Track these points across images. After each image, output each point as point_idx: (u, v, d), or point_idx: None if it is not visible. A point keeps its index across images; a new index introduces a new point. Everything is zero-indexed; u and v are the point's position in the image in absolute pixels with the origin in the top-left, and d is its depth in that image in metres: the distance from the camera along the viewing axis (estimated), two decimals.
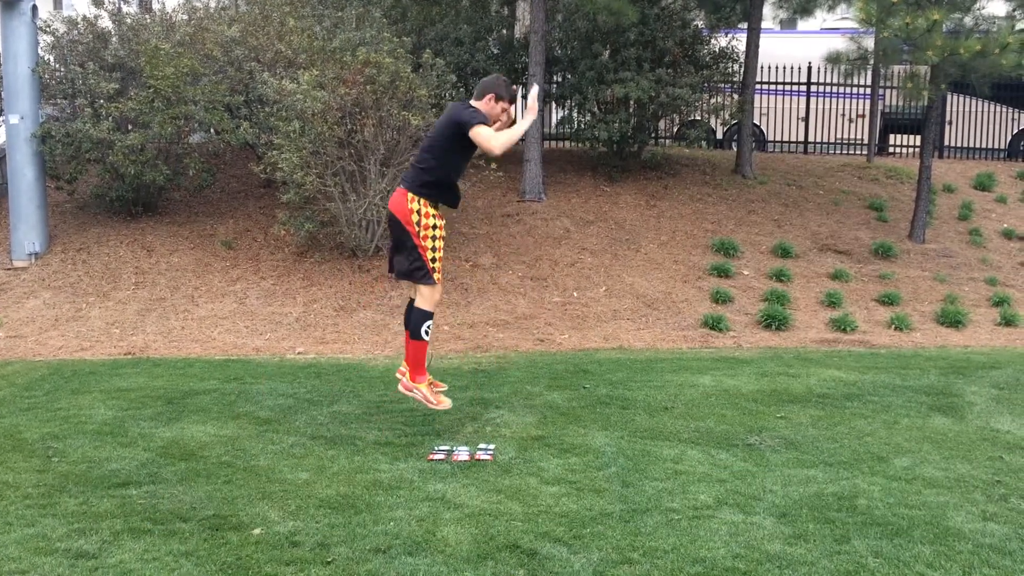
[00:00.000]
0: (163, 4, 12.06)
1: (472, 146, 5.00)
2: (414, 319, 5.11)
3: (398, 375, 5.35)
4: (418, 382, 5.18)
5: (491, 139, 4.87)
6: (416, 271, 5.04)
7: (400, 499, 4.15)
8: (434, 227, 5.02)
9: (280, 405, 5.91)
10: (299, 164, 9.20)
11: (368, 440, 5.09)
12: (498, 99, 5.10)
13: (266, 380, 6.70)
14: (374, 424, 5.43)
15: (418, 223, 4.98)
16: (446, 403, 5.21)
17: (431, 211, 5.01)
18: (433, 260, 5.03)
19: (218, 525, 3.84)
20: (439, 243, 5.06)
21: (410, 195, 5.00)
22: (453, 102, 5.26)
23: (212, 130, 11.16)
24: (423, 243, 5.00)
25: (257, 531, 3.78)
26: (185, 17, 11.34)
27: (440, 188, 5.07)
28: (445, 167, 5.04)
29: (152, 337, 8.34)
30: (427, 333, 5.12)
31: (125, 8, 11.82)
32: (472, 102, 5.11)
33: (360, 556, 3.54)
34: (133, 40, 10.66)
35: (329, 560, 3.51)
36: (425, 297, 5.08)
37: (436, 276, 5.06)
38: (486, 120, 4.96)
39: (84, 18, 11.06)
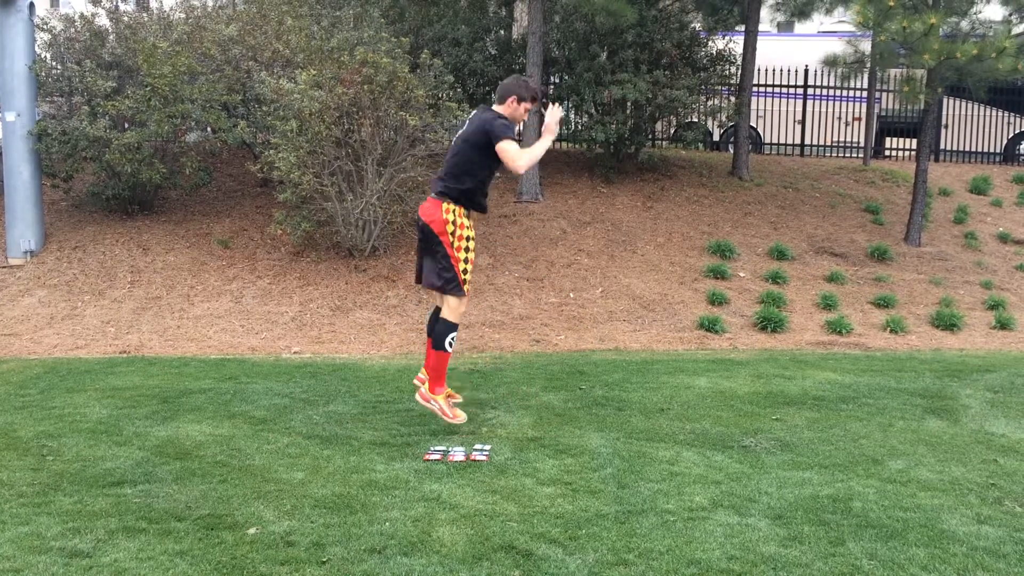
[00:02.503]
0: (160, 2, 12.07)
1: (497, 157, 4.99)
2: (439, 330, 5.10)
3: (416, 382, 5.35)
4: (437, 394, 5.18)
5: (517, 158, 4.89)
6: (448, 282, 5.03)
7: (396, 499, 4.15)
8: (468, 238, 5.02)
9: (276, 405, 5.91)
10: (296, 164, 9.19)
11: (364, 440, 5.09)
12: (520, 100, 5.10)
13: (262, 379, 6.69)
14: (370, 424, 5.43)
15: (453, 233, 4.98)
16: (462, 417, 5.21)
17: (465, 221, 5.02)
18: (464, 272, 5.03)
19: (213, 524, 3.83)
20: (471, 254, 5.05)
21: (444, 205, 4.98)
22: (480, 110, 5.21)
23: (209, 129, 11.15)
24: (456, 254, 4.99)
25: (252, 531, 3.78)
26: (182, 16, 11.34)
27: (474, 196, 5.06)
28: (477, 175, 5.03)
29: (147, 336, 8.33)
30: (451, 345, 5.12)
31: (122, 6, 11.82)
32: (495, 107, 5.11)
33: (355, 556, 3.54)
34: (130, 38, 10.65)
35: (324, 560, 3.51)
36: (452, 308, 5.07)
37: (466, 287, 5.06)
38: (513, 134, 4.96)
39: (81, 16, 11.05)
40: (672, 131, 14.17)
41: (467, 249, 5.03)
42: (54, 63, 11.02)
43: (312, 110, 9.11)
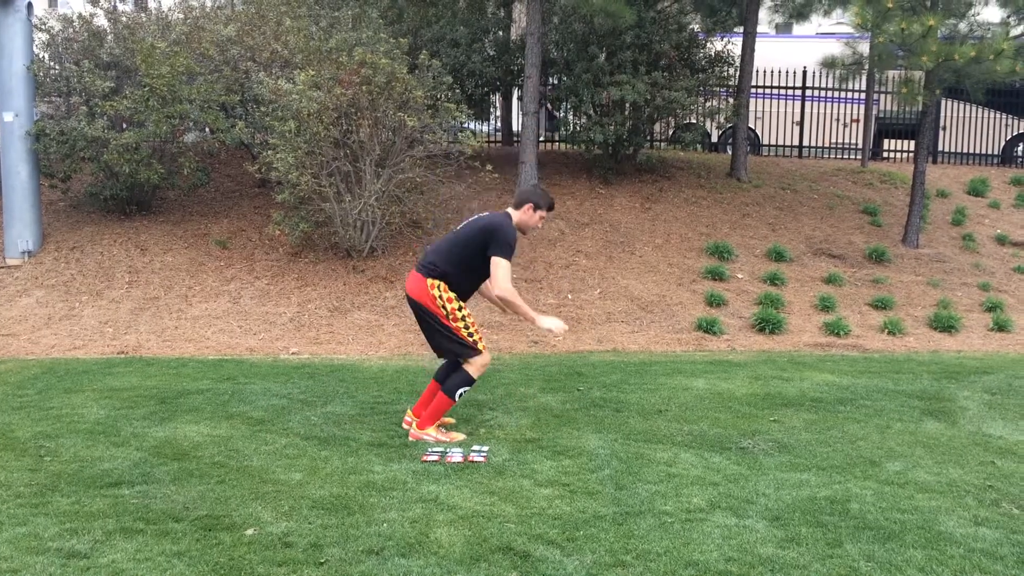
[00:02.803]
0: (159, 3, 12.07)
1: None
2: (455, 379, 5.05)
3: (404, 426, 5.29)
4: (424, 429, 5.13)
5: (504, 280, 4.85)
6: (460, 351, 5.01)
7: (393, 500, 4.15)
8: (460, 308, 4.99)
9: (274, 405, 5.90)
10: (294, 164, 9.19)
11: (362, 441, 5.08)
12: (536, 208, 5.10)
13: (260, 380, 6.69)
14: (368, 425, 5.42)
15: (443, 307, 4.96)
16: (459, 436, 5.17)
17: (451, 294, 4.98)
18: (470, 334, 5.00)
19: (211, 525, 3.83)
20: (469, 318, 5.02)
21: (429, 281, 4.96)
22: (496, 214, 5.12)
23: (207, 129, 11.14)
24: (454, 323, 4.97)
25: (250, 531, 3.77)
26: (181, 16, 11.33)
27: (458, 284, 5.02)
28: (462, 269, 4.99)
29: (145, 336, 8.33)
30: (460, 396, 5.08)
31: (121, 6, 11.82)
32: (511, 210, 5.10)
33: (353, 557, 3.54)
34: (129, 38, 10.65)
35: (322, 561, 3.50)
36: (474, 365, 5.04)
37: (480, 345, 5.03)
38: (511, 251, 4.92)
39: (80, 16, 11.04)
40: (670, 132, 14.18)
41: (460, 308, 4.99)
42: (52, 63, 11.02)
43: (310, 111, 9.11)
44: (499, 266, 4.86)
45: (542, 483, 4.41)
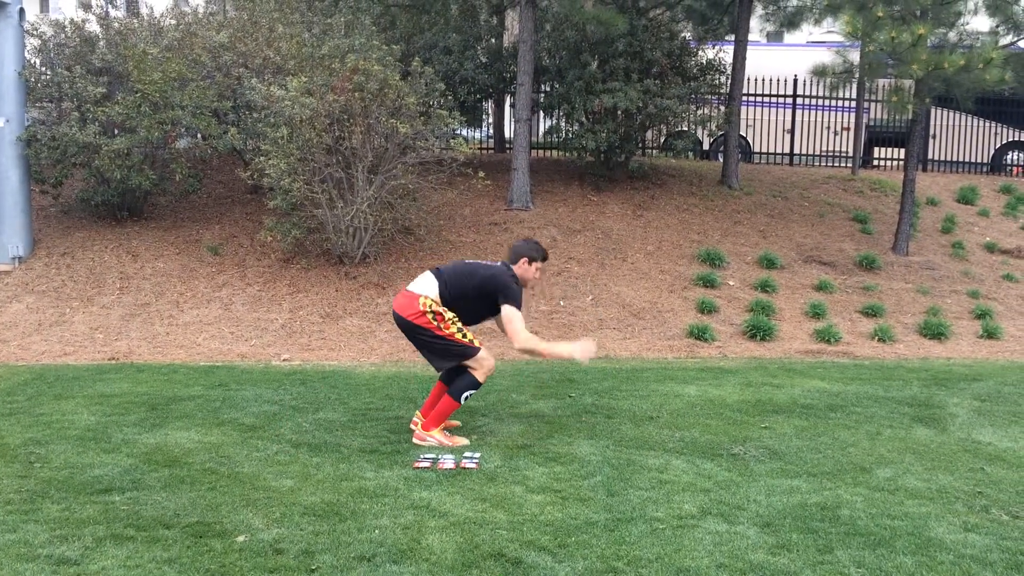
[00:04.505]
0: (151, 8, 12.04)
1: (496, 311, 5.04)
2: (461, 382, 5.08)
3: (412, 426, 5.31)
4: (430, 431, 5.16)
5: (519, 332, 4.94)
6: (459, 356, 5.04)
7: (385, 507, 4.14)
8: (453, 320, 5.02)
9: (265, 412, 5.89)
10: (286, 170, 9.18)
11: (353, 447, 5.08)
12: (531, 261, 5.22)
13: (251, 387, 6.68)
14: (359, 431, 5.42)
15: (433, 319, 4.98)
16: (463, 440, 5.18)
17: (441, 309, 5.02)
18: (465, 336, 5.02)
19: (202, 532, 3.82)
20: (461, 323, 5.04)
21: (421, 299, 4.99)
22: (499, 267, 5.18)
23: (199, 135, 11.13)
24: (447, 330, 4.99)
25: (241, 538, 3.77)
26: (173, 22, 11.31)
27: (455, 312, 5.06)
28: (464, 311, 5.06)
29: (136, 343, 8.30)
30: (466, 399, 5.12)
31: (113, 12, 11.80)
32: (508, 263, 5.20)
33: (345, 564, 3.53)
34: (121, 44, 10.63)
35: (314, 568, 3.50)
36: (480, 365, 5.07)
37: (477, 343, 5.06)
38: (520, 302, 5.01)
39: (71, 21, 11.02)
40: (662, 140, 14.22)
41: (456, 323, 5.02)
42: (44, 69, 10.98)
43: (303, 117, 9.11)
44: (513, 319, 4.95)
45: (534, 489, 4.42)
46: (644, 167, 13.19)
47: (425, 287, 5.06)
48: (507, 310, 4.96)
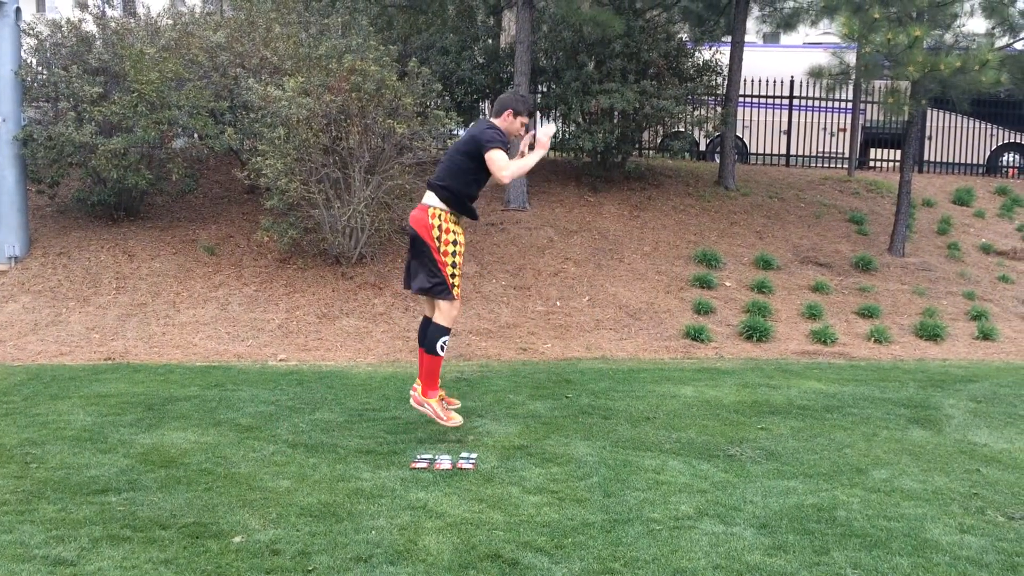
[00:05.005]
0: (148, 8, 12.02)
1: (487, 167, 5.09)
2: (431, 334, 5.14)
3: (412, 392, 5.36)
4: (429, 396, 5.22)
5: (503, 168, 5.00)
6: (436, 286, 5.09)
7: (382, 507, 4.14)
8: (454, 242, 5.09)
9: (261, 412, 5.89)
10: (283, 170, 9.18)
11: (350, 448, 5.08)
12: (516, 114, 5.21)
13: (247, 387, 6.67)
14: (356, 432, 5.42)
15: (438, 238, 5.05)
16: (456, 420, 5.23)
17: (451, 226, 5.08)
18: (453, 275, 5.08)
19: (198, 533, 3.82)
20: (459, 259, 5.10)
21: (431, 210, 5.07)
22: (478, 124, 5.30)
23: (196, 135, 11.11)
24: (443, 258, 5.05)
25: (237, 539, 3.76)
26: (170, 22, 11.30)
27: (460, 199, 5.14)
28: (461, 182, 5.12)
29: (132, 343, 8.29)
30: (443, 348, 5.16)
31: (109, 12, 11.78)
32: (492, 119, 5.22)
33: (341, 565, 3.53)
34: (117, 44, 10.61)
35: (310, 569, 3.50)
36: (444, 312, 5.12)
37: (455, 291, 5.10)
38: (504, 145, 5.06)
39: (68, 21, 11.00)
40: (659, 141, 14.23)
41: (454, 253, 5.09)
42: (40, 68, 10.96)
43: (300, 117, 9.11)
44: (494, 160, 4.98)
45: (530, 490, 4.42)
46: (641, 168, 13.20)
47: (431, 199, 5.13)
48: (488, 155, 4.99)
